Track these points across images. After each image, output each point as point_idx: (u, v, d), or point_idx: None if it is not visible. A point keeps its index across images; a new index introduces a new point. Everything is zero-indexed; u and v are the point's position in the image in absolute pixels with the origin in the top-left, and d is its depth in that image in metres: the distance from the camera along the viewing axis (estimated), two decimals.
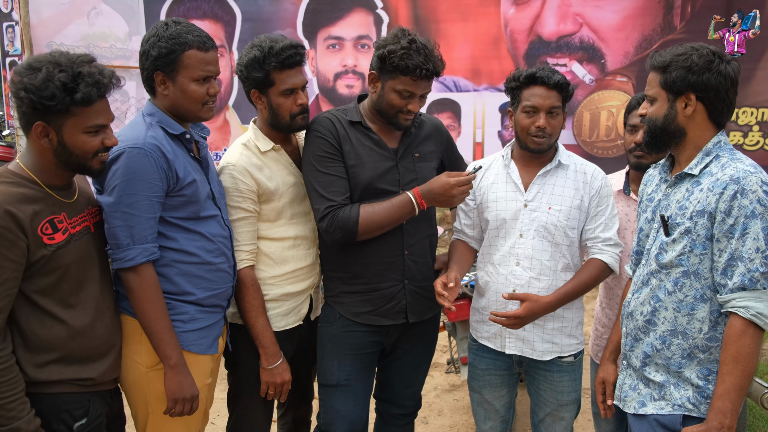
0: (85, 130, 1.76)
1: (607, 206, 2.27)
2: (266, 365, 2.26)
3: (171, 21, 2.06)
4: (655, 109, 1.86)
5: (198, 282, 2.07)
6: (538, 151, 2.25)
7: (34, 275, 1.75)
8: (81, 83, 1.71)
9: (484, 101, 3.64)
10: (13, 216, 1.68)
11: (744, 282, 1.69)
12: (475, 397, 2.47)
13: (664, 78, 1.81)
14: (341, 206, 2.19)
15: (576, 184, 2.26)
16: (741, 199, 1.70)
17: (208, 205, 2.10)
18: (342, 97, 3.83)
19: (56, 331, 1.79)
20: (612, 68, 3.44)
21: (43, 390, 1.79)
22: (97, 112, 1.77)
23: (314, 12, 3.79)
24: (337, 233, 2.19)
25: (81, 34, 4.06)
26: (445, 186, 2.15)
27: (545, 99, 2.18)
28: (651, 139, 1.89)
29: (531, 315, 2.15)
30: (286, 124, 2.27)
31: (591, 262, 2.26)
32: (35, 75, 1.69)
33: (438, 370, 4.31)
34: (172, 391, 1.98)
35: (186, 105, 2.04)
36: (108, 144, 1.83)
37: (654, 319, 1.87)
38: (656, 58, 1.85)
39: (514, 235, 2.26)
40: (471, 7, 3.56)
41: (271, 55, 2.17)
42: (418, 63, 2.13)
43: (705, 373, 1.80)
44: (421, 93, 2.23)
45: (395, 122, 2.27)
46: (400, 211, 2.20)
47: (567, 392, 2.30)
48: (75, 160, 1.79)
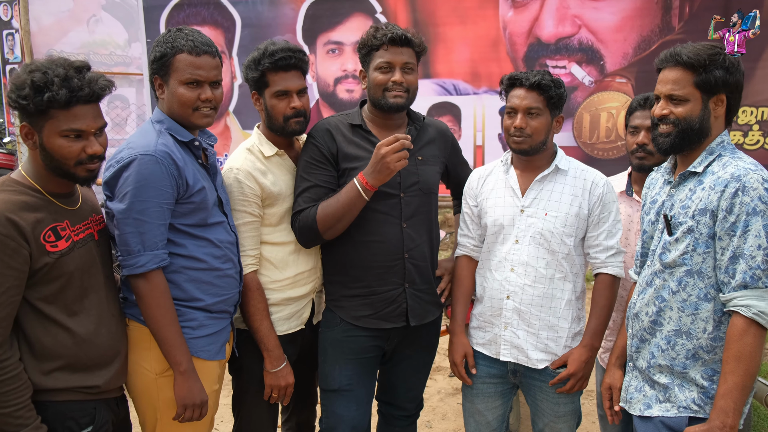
0: (61, 134, 1.75)
1: (610, 213, 2.24)
2: (270, 368, 2.26)
3: (176, 28, 2.09)
4: (690, 109, 1.80)
5: (206, 288, 2.07)
6: (520, 152, 2.24)
7: (38, 283, 1.75)
8: (53, 85, 1.70)
9: (484, 104, 3.64)
10: (14, 224, 1.68)
11: (746, 279, 1.69)
12: (467, 406, 2.43)
13: (701, 78, 1.77)
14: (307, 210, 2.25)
15: (574, 191, 2.23)
16: (742, 197, 1.70)
17: (215, 211, 2.11)
18: (342, 101, 3.84)
19: (61, 338, 1.79)
20: (611, 69, 3.44)
21: (49, 398, 1.78)
22: (76, 117, 1.75)
23: (313, 17, 3.80)
24: (304, 234, 2.25)
25: (81, 42, 4.07)
26: (377, 155, 2.12)
27: (522, 100, 2.19)
28: (681, 140, 1.82)
29: (581, 363, 2.18)
30: (279, 126, 2.28)
31: (600, 281, 2.25)
32: (20, 76, 1.72)
33: (442, 373, 4.31)
34: (182, 397, 1.97)
35: (176, 109, 2.05)
36: (90, 152, 1.79)
37: (659, 319, 1.87)
38: (688, 57, 1.78)
39: (510, 240, 2.25)
40: (470, 10, 3.57)
41: (265, 56, 2.22)
42: (384, 32, 2.23)
43: (710, 374, 1.80)
44: (400, 63, 2.25)
45: (385, 103, 2.27)
46: (348, 196, 2.18)
47: (564, 403, 2.25)
48: (56, 164, 1.78)
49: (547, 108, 2.19)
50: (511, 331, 2.24)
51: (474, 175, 2.44)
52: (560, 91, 2.21)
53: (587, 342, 2.21)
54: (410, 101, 2.32)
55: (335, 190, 2.24)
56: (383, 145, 2.10)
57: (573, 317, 2.24)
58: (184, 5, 3.97)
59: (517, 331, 2.23)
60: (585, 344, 2.21)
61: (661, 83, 1.85)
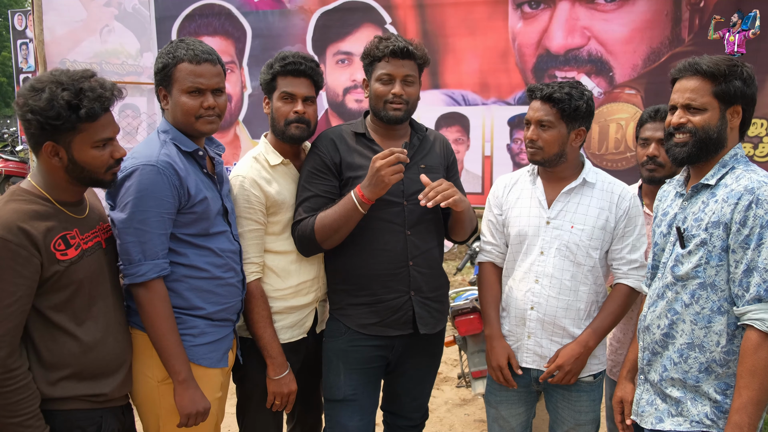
0: (93, 145, 1.78)
1: (635, 227, 2.23)
2: (273, 375, 2.27)
3: (178, 39, 2.13)
4: (707, 119, 1.79)
5: (207, 297, 2.08)
6: (535, 163, 2.26)
7: (48, 291, 1.76)
8: (84, 99, 1.72)
9: (493, 115, 3.64)
10: (26, 233, 1.69)
11: (760, 292, 1.68)
12: (491, 412, 2.43)
13: (720, 88, 1.77)
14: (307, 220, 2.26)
15: (601, 203, 2.22)
16: (756, 209, 1.69)
17: (218, 221, 2.12)
18: (351, 111, 3.85)
19: (69, 346, 1.80)
20: (620, 81, 3.43)
21: (56, 407, 1.79)
22: (103, 126, 1.78)
23: (324, 28, 3.83)
24: (303, 243, 2.27)
25: (93, 51, 4.12)
26: (372, 168, 2.12)
27: (535, 111, 2.20)
28: (698, 150, 1.81)
29: (570, 358, 2.17)
30: (280, 129, 2.30)
31: (617, 288, 2.24)
32: (39, 96, 1.70)
33: (449, 384, 4.28)
34: (183, 406, 1.98)
35: (180, 118, 2.07)
36: (117, 156, 1.84)
37: (672, 332, 1.85)
38: (708, 66, 1.78)
39: (535, 251, 2.24)
40: (479, 21, 3.58)
41: (277, 60, 2.30)
42: (387, 44, 2.25)
43: (723, 388, 1.78)
44: (401, 76, 2.25)
45: (386, 115, 2.28)
46: (344, 208, 2.18)
47: (585, 412, 2.26)
48: (87, 175, 1.81)
49: (562, 120, 2.18)
50: (535, 341, 2.24)
51: (499, 183, 2.43)
52: (577, 104, 2.15)
53: (583, 339, 2.19)
54: (410, 113, 2.33)
55: (336, 200, 2.25)
56: (378, 159, 2.11)
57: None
58: (195, 16, 4.01)
59: (541, 340, 2.23)
60: (579, 341, 2.19)
61: (678, 93, 1.84)
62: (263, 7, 3.91)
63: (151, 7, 4.06)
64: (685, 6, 3.28)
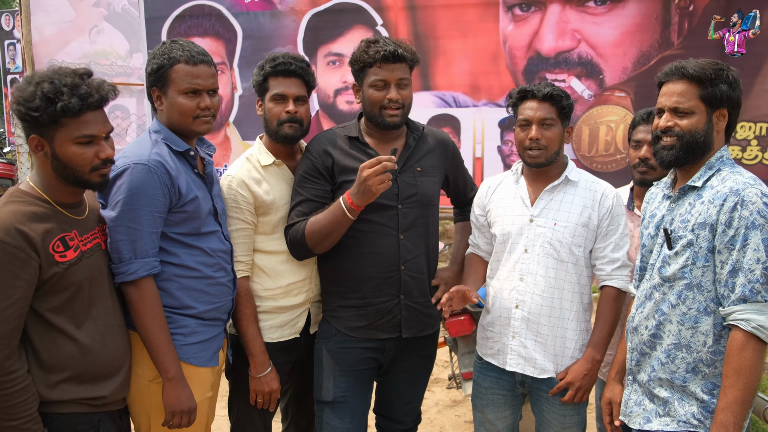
0: (75, 141, 1.76)
1: (618, 225, 2.24)
2: (254, 373, 2.28)
3: (170, 40, 2.13)
4: (695, 122, 1.81)
5: (198, 296, 2.09)
6: (536, 165, 2.25)
7: (47, 293, 1.75)
8: (64, 94, 1.71)
9: (484, 116, 3.65)
10: (24, 235, 1.68)
11: (745, 293, 1.69)
12: (477, 416, 2.43)
13: (706, 92, 1.79)
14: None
15: (584, 201, 2.24)
16: (741, 211, 1.71)
17: (209, 221, 2.13)
18: (342, 113, 3.85)
19: (68, 349, 1.79)
20: (610, 83, 3.45)
21: (54, 410, 1.78)
22: (87, 123, 1.77)
23: (314, 29, 3.82)
24: (295, 248, 2.28)
25: (82, 52, 4.09)
26: (359, 177, 2.11)
27: (536, 111, 2.21)
28: (685, 153, 1.83)
29: (579, 374, 2.18)
30: (273, 130, 2.32)
31: (604, 293, 2.25)
32: (26, 88, 1.72)
33: (439, 385, 4.28)
34: (169, 403, 1.98)
35: (176, 119, 2.08)
36: (102, 156, 1.81)
37: (659, 332, 1.87)
38: (694, 70, 1.79)
39: (519, 250, 2.25)
40: (470, 23, 3.59)
41: (267, 61, 2.32)
42: (377, 49, 2.23)
43: (710, 387, 1.79)
44: (394, 80, 2.24)
45: (382, 121, 2.27)
46: (334, 213, 2.18)
47: (570, 415, 2.26)
48: (70, 173, 1.79)
49: (559, 119, 2.22)
50: (519, 341, 2.24)
51: (483, 186, 2.46)
52: (570, 102, 2.25)
53: (588, 355, 2.21)
54: (406, 116, 2.33)
55: (328, 204, 2.24)
56: (366, 167, 2.10)
57: (581, 328, 2.25)
58: (185, 17, 3.99)
59: (525, 341, 2.23)
60: (586, 357, 2.21)
61: (665, 96, 1.86)
62: (254, 8, 3.90)
63: (140, 7, 4.03)
64: (674, 9, 3.31)
